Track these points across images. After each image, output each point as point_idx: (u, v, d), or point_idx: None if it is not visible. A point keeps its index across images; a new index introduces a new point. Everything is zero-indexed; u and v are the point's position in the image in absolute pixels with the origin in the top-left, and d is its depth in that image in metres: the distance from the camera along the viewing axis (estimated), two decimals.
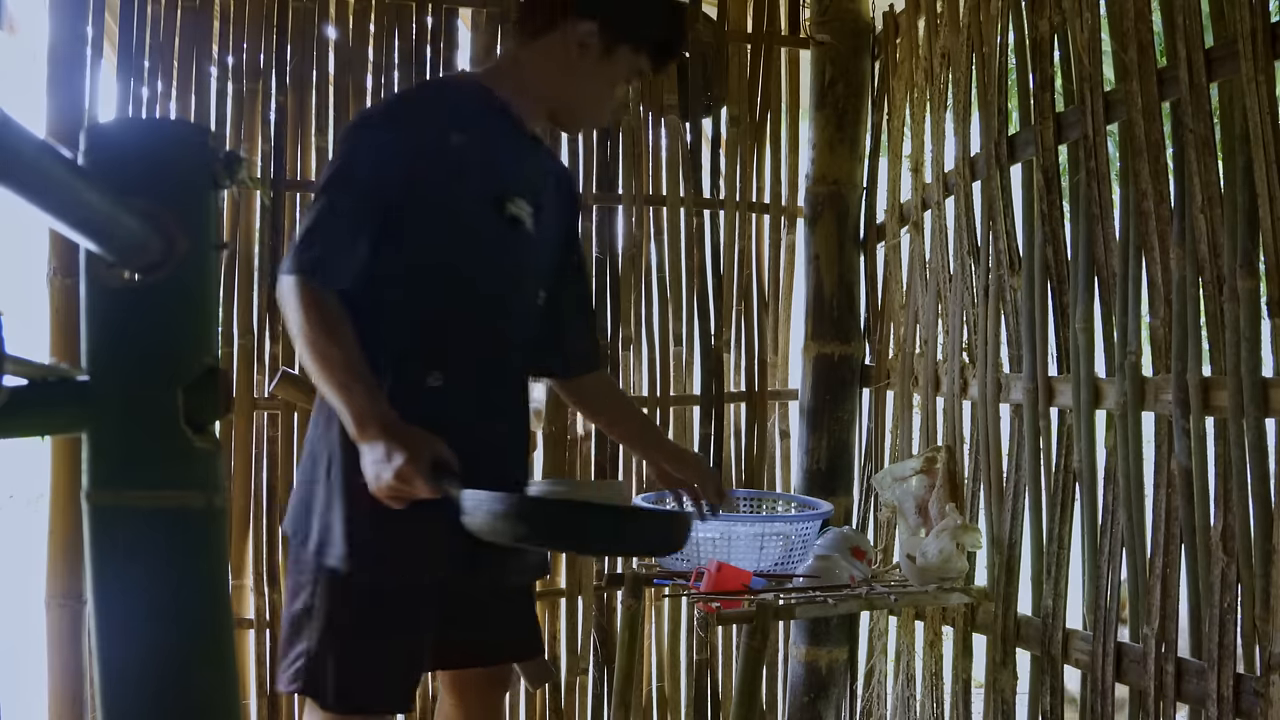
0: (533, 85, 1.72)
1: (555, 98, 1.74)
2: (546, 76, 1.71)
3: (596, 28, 1.68)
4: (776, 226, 2.92)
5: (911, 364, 2.56)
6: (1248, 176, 1.71)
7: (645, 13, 1.74)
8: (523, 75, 1.72)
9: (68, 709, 2.28)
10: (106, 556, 0.57)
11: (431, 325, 1.64)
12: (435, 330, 1.65)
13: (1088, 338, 2.05)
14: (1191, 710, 1.84)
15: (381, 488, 1.48)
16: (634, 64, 1.74)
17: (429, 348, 1.64)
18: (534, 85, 1.72)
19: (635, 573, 2.37)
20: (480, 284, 1.67)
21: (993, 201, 2.29)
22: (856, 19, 2.80)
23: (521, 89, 1.71)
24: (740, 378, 2.89)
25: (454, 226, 1.63)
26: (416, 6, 2.64)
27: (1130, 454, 1.95)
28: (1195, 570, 1.81)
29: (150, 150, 0.60)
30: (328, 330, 1.52)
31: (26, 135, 0.45)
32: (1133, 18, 1.93)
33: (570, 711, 2.74)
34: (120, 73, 2.44)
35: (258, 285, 2.53)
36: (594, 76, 1.72)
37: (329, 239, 1.56)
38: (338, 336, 1.53)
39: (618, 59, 1.72)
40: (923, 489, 2.38)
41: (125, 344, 0.59)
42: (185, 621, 0.58)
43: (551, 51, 1.70)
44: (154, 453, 0.58)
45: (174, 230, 0.59)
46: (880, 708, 2.61)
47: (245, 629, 2.52)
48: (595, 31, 1.68)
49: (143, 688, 0.57)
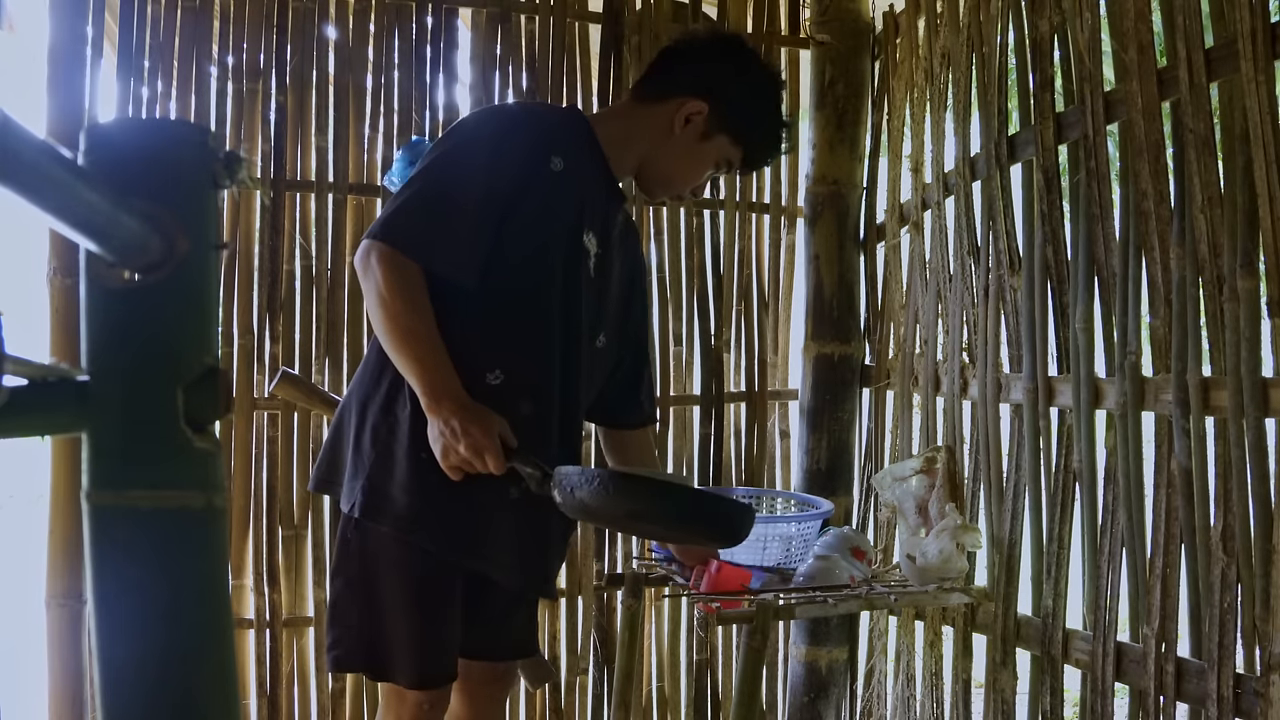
0: (631, 141, 1.82)
1: (646, 160, 1.84)
2: (645, 137, 1.82)
3: (707, 109, 1.80)
4: (776, 226, 2.92)
5: (911, 364, 2.56)
6: (1248, 176, 1.71)
7: (754, 113, 1.85)
8: (625, 129, 1.83)
9: (68, 709, 2.28)
10: (106, 556, 0.57)
11: (496, 328, 1.68)
12: (499, 333, 1.69)
13: (1088, 338, 2.05)
14: (1191, 710, 1.84)
15: (452, 461, 1.57)
16: (727, 154, 1.85)
17: (490, 350, 1.68)
18: (632, 141, 1.83)
19: (635, 573, 2.37)
20: (545, 299, 1.72)
21: (993, 201, 2.29)
22: (856, 19, 2.80)
23: (620, 140, 1.81)
24: (740, 378, 2.89)
25: (536, 242, 1.70)
26: (416, 6, 2.64)
27: (1130, 454, 1.95)
28: (1195, 570, 1.81)
29: (150, 150, 0.60)
30: (411, 302, 1.58)
31: (26, 135, 0.45)
32: (1133, 18, 1.93)
33: (570, 711, 2.74)
34: (120, 73, 2.44)
35: (258, 285, 2.54)
36: (687, 153, 1.83)
37: (431, 217, 1.60)
38: (421, 310, 1.59)
39: (714, 144, 1.83)
40: (923, 489, 2.38)
41: (125, 344, 0.58)
42: (185, 621, 0.58)
43: (659, 116, 1.81)
44: (154, 453, 0.58)
45: (174, 230, 0.59)
46: (880, 708, 2.61)
47: (245, 629, 2.52)
48: (704, 112, 1.80)
49: (143, 688, 0.57)
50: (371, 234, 1.60)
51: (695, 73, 1.82)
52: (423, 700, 1.68)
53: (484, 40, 2.69)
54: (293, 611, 2.56)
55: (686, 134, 1.81)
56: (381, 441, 1.67)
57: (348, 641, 1.69)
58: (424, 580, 1.67)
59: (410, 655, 1.66)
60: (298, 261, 2.57)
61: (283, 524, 2.55)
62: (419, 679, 1.67)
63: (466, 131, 1.72)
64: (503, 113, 1.81)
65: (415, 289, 1.59)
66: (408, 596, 1.66)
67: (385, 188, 2.56)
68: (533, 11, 2.73)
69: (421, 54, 2.65)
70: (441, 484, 1.62)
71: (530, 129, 1.72)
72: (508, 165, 1.65)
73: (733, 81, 1.82)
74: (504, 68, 2.71)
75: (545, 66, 2.74)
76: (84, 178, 0.52)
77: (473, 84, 2.70)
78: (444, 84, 2.67)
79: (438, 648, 1.68)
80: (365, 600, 1.68)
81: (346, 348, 2.59)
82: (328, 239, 2.58)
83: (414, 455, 1.64)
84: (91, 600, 0.58)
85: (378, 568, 1.67)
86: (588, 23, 2.79)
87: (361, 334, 2.59)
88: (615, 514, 1.64)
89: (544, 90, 2.74)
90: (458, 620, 1.71)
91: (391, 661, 1.67)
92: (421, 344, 1.58)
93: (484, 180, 1.64)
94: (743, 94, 1.83)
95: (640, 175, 1.87)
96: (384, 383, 1.69)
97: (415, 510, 1.64)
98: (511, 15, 2.71)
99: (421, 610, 1.66)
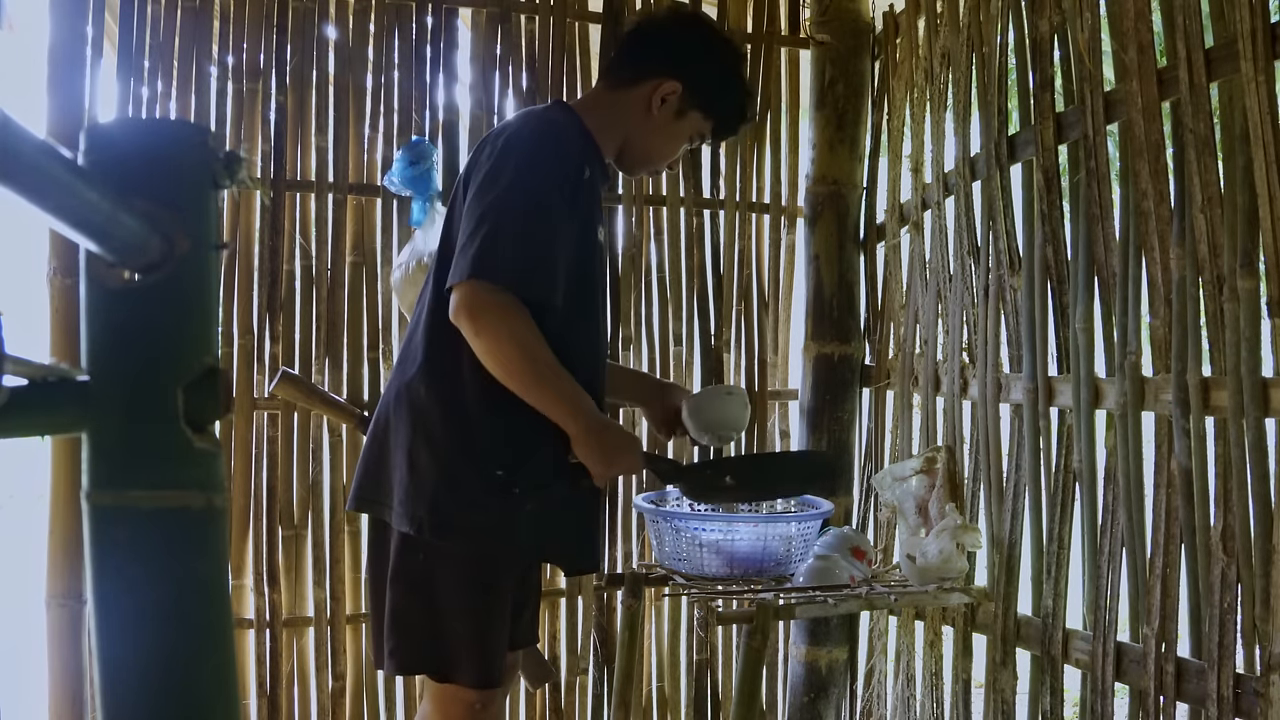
0: (615, 126, 1.90)
1: (626, 141, 1.93)
2: (625, 120, 1.90)
3: (681, 89, 1.88)
4: (776, 226, 2.92)
5: (911, 364, 2.56)
6: (1248, 176, 1.71)
7: (726, 89, 1.95)
8: (606, 115, 1.90)
9: (68, 709, 2.28)
10: (106, 556, 0.57)
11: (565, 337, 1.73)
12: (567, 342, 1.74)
13: (1088, 338, 2.05)
14: (1191, 710, 1.84)
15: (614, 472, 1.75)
16: (699, 128, 1.95)
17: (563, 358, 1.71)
18: (616, 126, 1.90)
19: (635, 573, 2.37)
20: (593, 302, 1.84)
21: (993, 201, 2.29)
22: (856, 19, 2.80)
23: (602, 126, 1.89)
24: (740, 378, 2.89)
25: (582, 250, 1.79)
26: (416, 6, 2.64)
27: (1130, 454, 1.95)
28: (1195, 570, 1.81)
29: (150, 150, 0.60)
30: (540, 341, 1.65)
31: (26, 135, 0.45)
32: (1133, 18, 1.93)
33: (570, 711, 2.74)
34: (120, 73, 2.44)
35: (258, 285, 2.53)
36: (663, 130, 1.92)
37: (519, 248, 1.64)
38: (545, 348, 1.66)
39: (688, 121, 1.93)
40: (923, 489, 2.38)
41: (125, 344, 0.58)
42: (185, 621, 0.58)
43: (635, 99, 1.90)
44: (154, 453, 0.58)
45: (174, 230, 0.59)
46: (880, 708, 2.61)
47: (245, 629, 2.52)
48: (678, 91, 1.89)
49: (143, 688, 0.57)
50: (466, 274, 1.60)
51: (665, 53, 1.91)
52: (476, 700, 1.74)
53: (484, 40, 2.69)
54: (292, 611, 2.56)
55: (663, 113, 1.90)
56: (451, 464, 1.70)
57: (410, 645, 1.75)
58: (486, 586, 1.74)
59: (474, 658, 1.72)
60: (298, 261, 2.57)
61: (283, 524, 2.55)
62: (482, 679, 1.73)
63: (523, 156, 1.71)
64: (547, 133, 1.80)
65: (532, 328, 1.64)
66: (472, 602, 1.73)
67: (385, 188, 2.57)
68: (533, 11, 2.73)
69: (421, 54, 2.65)
70: (523, 496, 1.72)
71: (570, 145, 1.79)
72: (566, 186, 1.73)
73: (702, 59, 1.91)
74: (504, 68, 2.71)
75: (545, 66, 2.74)
76: (84, 177, 0.52)
77: (473, 84, 2.70)
78: (444, 84, 2.66)
79: (498, 649, 1.76)
80: (427, 605, 1.73)
81: (346, 348, 2.59)
82: (328, 239, 2.58)
83: (488, 474, 1.71)
84: (91, 600, 0.58)
85: (440, 575, 1.73)
86: (588, 23, 2.79)
87: (361, 334, 2.59)
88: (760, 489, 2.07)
89: (544, 90, 2.74)
90: (509, 619, 1.79)
91: (456, 664, 1.73)
92: (561, 380, 1.67)
93: (555, 205, 1.70)
94: (712, 70, 1.92)
95: (620, 155, 1.96)
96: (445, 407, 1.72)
97: (493, 524, 1.72)
98: (511, 15, 2.71)
99: (485, 614, 1.73)
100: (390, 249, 2.61)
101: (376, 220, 2.62)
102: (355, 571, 2.58)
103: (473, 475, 1.70)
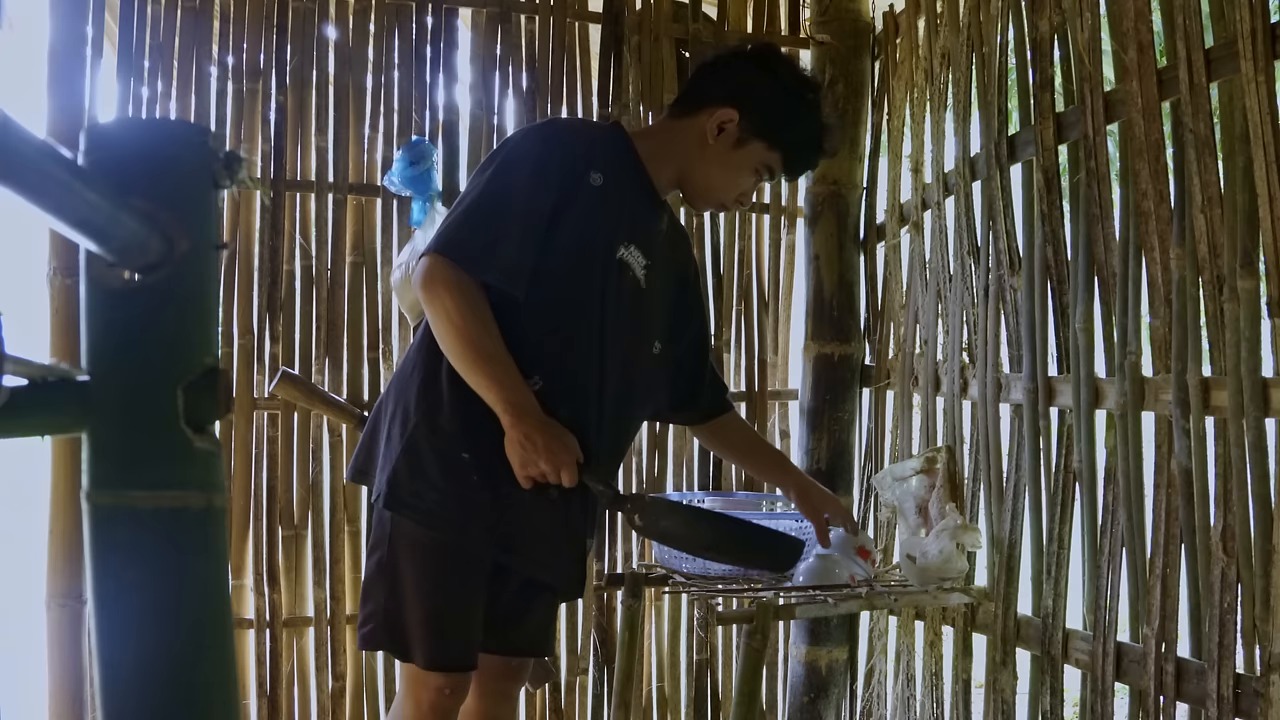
0: (668, 155, 1.85)
1: (684, 172, 1.87)
2: (680, 149, 1.85)
3: (738, 115, 1.81)
4: (776, 226, 2.92)
5: (911, 364, 2.56)
6: (1248, 176, 1.71)
7: (789, 117, 1.85)
8: (662, 143, 1.86)
9: (68, 709, 2.28)
10: (106, 556, 0.57)
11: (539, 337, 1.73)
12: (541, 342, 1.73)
13: (1088, 338, 2.05)
14: (1191, 710, 1.84)
15: (530, 472, 1.65)
16: (765, 160, 1.86)
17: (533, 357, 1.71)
18: (669, 155, 1.85)
19: (635, 573, 2.37)
20: (587, 313, 1.77)
21: (993, 201, 2.29)
22: (856, 19, 2.80)
23: (658, 155, 1.85)
24: (740, 378, 2.89)
25: (577, 254, 1.75)
26: (416, 6, 2.64)
27: (1130, 454, 1.95)
28: (1195, 570, 1.81)
29: (150, 150, 0.60)
30: (481, 320, 1.64)
31: (26, 135, 0.45)
32: (1133, 18, 1.93)
33: (570, 711, 2.74)
34: (120, 73, 2.44)
35: (258, 285, 2.54)
36: (722, 161, 1.84)
37: (483, 231, 1.66)
38: (492, 330, 1.65)
39: (750, 151, 1.84)
40: (923, 489, 2.38)
41: (125, 344, 0.58)
42: (185, 621, 0.58)
43: (693, 128, 1.84)
44: (154, 453, 0.58)
45: (174, 230, 0.59)
46: (880, 708, 2.61)
47: (245, 629, 2.52)
48: (735, 119, 1.81)
49: (143, 688, 0.57)
50: (431, 248, 1.66)
51: (725, 82, 1.85)
52: (442, 685, 1.73)
53: (484, 40, 2.69)
54: (293, 611, 2.56)
55: (720, 143, 1.83)
56: (414, 439, 1.72)
57: (376, 620, 1.76)
58: (442, 566, 1.73)
59: (427, 636, 1.72)
60: (298, 261, 2.57)
61: (283, 524, 2.55)
62: (433, 660, 1.72)
63: (511, 149, 1.77)
64: (546, 129, 1.86)
65: (483, 308, 1.65)
66: (425, 580, 1.72)
67: (385, 188, 2.57)
68: (533, 11, 2.73)
69: (421, 54, 2.65)
70: (482, 484, 1.70)
71: (571, 145, 1.77)
72: (550, 179, 1.71)
73: (761, 85, 1.84)
74: (504, 68, 2.71)
75: (545, 66, 2.74)
76: (84, 177, 0.52)
77: (473, 84, 2.70)
78: (444, 84, 2.67)
79: (454, 630, 1.74)
80: (391, 581, 1.74)
81: (346, 348, 2.59)
82: (328, 239, 2.58)
83: (452, 455, 1.70)
84: (91, 600, 0.58)
85: (400, 551, 1.74)
86: (588, 23, 2.79)
87: (361, 334, 2.59)
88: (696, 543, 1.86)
89: (544, 90, 2.74)
90: (478, 610, 1.77)
91: (410, 641, 1.73)
92: (497, 364, 1.65)
93: (529, 195, 1.69)
94: (772, 97, 1.84)
95: (682, 188, 1.91)
96: (421, 382, 1.74)
97: (445, 508, 1.70)
98: (511, 15, 2.71)
99: (439, 593, 1.72)
100: (390, 249, 2.61)
101: (376, 220, 2.62)
102: (355, 571, 2.58)
103: (433, 455, 1.71)
